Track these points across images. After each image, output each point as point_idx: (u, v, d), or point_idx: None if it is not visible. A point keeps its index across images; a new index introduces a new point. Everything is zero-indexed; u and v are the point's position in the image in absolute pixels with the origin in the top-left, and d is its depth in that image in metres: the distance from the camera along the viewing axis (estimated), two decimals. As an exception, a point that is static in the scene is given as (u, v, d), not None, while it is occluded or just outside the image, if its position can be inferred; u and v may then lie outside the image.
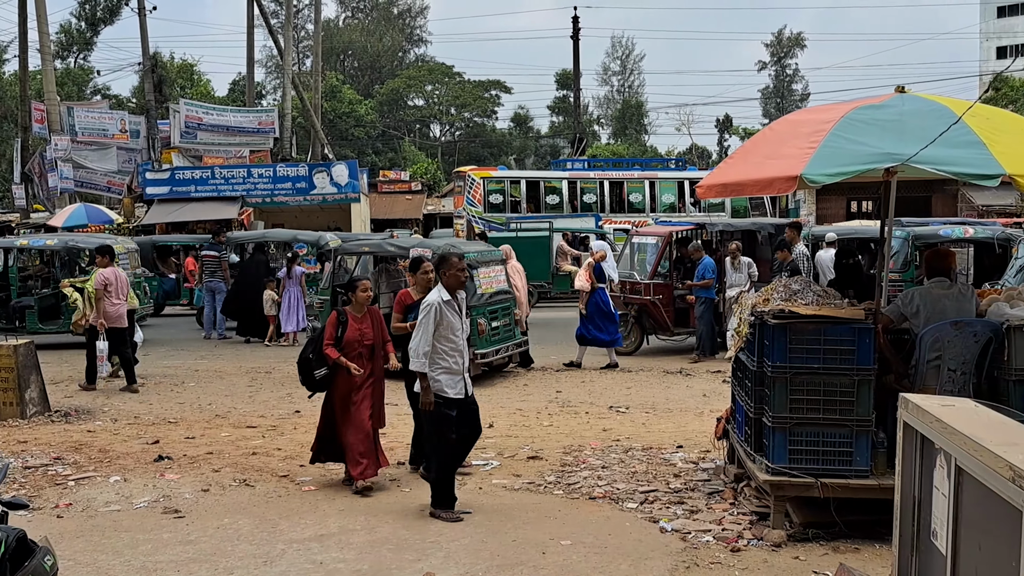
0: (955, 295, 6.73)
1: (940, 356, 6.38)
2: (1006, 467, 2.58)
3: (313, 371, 7.59)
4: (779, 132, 7.49)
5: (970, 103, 6.18)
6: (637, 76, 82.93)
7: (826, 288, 7.01)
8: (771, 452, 6.22)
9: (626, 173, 29.19)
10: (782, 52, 77.12)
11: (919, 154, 5.81)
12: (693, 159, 56.12)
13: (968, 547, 2.97)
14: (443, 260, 6.99)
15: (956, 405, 3.55)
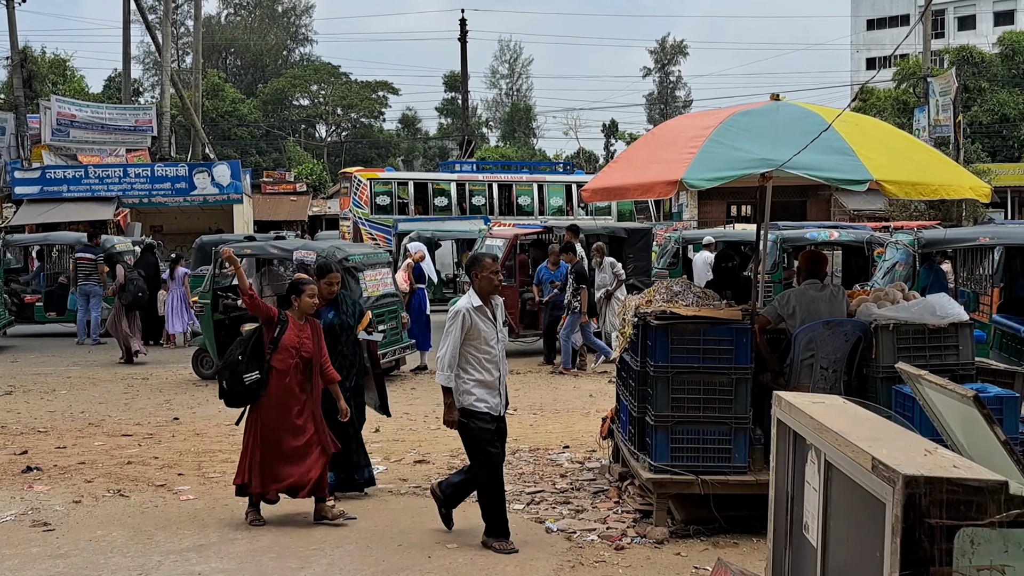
0: (827, 296, 7.00)
1: (813, 355, 6.62)
2: (870, 461, 2.67)
3: (242, 375, 6.51)
4: (661, 137, 7.66)
5: (839, 111, 6.43)
6: (525, 80, 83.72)
7: (705, 290, 7.19)
8: (654, 450, 6.34)
9: (515, 176, 29.38)
10: (666, 59, 78.92)
11: (792, 160, 6.02)
12: (581, 163, 56.90)
13: (837, 539, 3.07)
14: (475, 261, 6.31)
15: (826, 402, 3.67)
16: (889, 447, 2.81)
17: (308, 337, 6.67)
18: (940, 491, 2.46)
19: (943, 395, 3.42)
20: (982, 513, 2.46)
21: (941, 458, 2.74)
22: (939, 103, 29.59)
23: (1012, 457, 2.97)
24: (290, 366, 6.56)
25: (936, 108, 29.49)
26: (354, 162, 54.70)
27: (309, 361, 6.64)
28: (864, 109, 43.39)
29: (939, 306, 6.69)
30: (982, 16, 62.82)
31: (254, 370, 6.53)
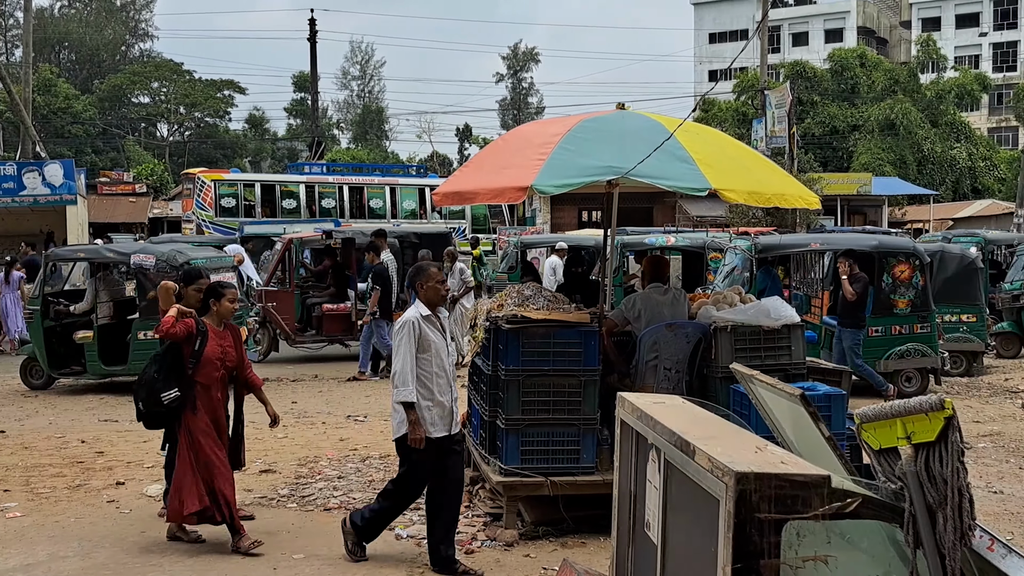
0: (670, 300, 7.22)
1: (657, 356, 6.83)
2: (706, 459, 2.77)
3: (160, 394, 5.99)
4: (511, 143, 7.73)
5: (680, 121, 6.65)
6: (378, 82, 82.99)
7: (556, 294, 7.31)
8: (504, 454, 6.39)
9: (366, 179, 29.09)
10: (518, 66, 79.87)
11: (636, 168, 6.18)
12: (434, 166, 56.88)
13: (675, 536, 3.17)
14: (419, 271, 6.00)
15: (666, 402, 3.79)
16: (723, 445, 2.92)
17: (230, 345, 6.26)
18: (769, 486, 2.58)
19: (773, 394, 3.59)
20: (807, 506, 2.59)
21: (771, 455, 2.87)
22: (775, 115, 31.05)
23: (835, 452, 3.14)
24: (216, 379, 6.15)
25: (773, 120, 30.94)
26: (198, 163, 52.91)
27: (232, 371, 6.28)
28: (706, 120, 45.15)
29: (773, 309, 7.01)
30: (814, 33, 66.46)
31: (172, 388, 6.01)
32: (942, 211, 41.50)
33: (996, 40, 62.64)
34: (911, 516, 2.67)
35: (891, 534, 2.93)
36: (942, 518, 2.63)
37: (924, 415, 2.68)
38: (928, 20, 64.75)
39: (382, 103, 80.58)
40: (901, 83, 47.69)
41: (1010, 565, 2.65)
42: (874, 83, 48.11)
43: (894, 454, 2.80)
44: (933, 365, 12.05)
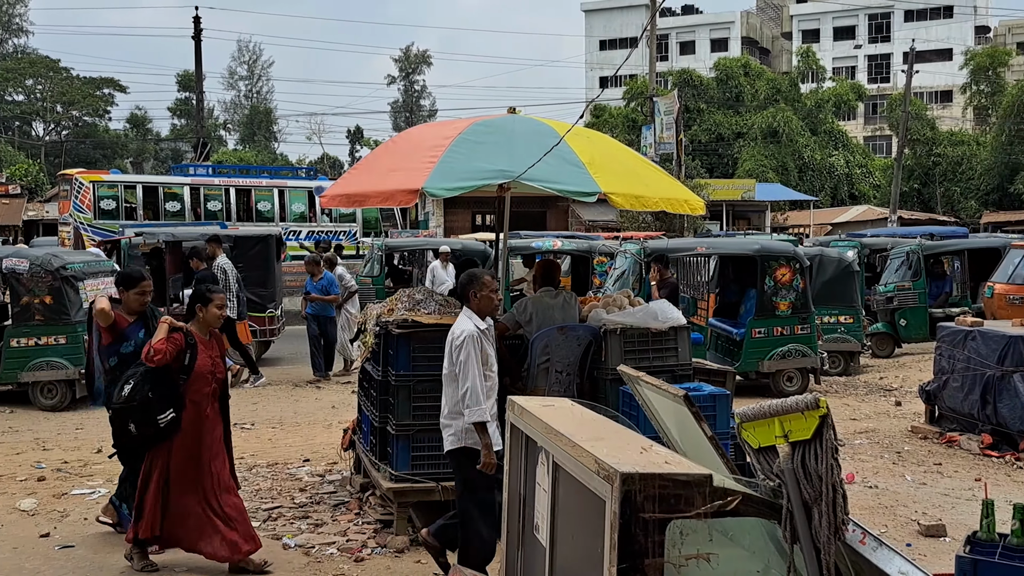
0: (561, 303, 7.28)
1: (549, 359, 6.87)
2: (592, 460, 2.80)
3: (156, 417, 5.49)
4: (402, 146, 7.67)
5: (570, 126, 6.72)
6: (266, 82, 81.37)
7: (448, 298, 7.28)
8: (395, 460, 6.33)
9: (254, 181, 28.46)
10: (410, 68, 79.51)
11: (527, 172, 6.21)
12: (325, 168, 56.11)
13: (563, 538, 3.19)
14: (473, 279, 5.61)
15: (555, 405, 3.81)
16: (609, 446, 2.96)
17: (218, 355, 5.79)
18: (653, 486, 2.62)
19: (659, 395, 3.65)
20: (690, 505, 2.65)
21: (655, 455, 2.92)
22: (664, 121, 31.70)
23: (718, 451, 3.22)
24: (207, 395, 5.67)
25: (661, 126, 31.59)
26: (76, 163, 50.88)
27: (223, 383, 5.84)
28: (597, 125, 45.87)
29: (660, 311, 7.15)
30: (700, 42, 68.24)
31: (168, 408, 5.49)
32: (821, 216, 43.12)
33: (871, 52, 65.48)
34: (788, 512, 2.76)
35: (771, 530, 3.01)
36: (817, 513, 2.71)
37: (800, 414, 2.76)
38: (808, 32, 67.24)
39: (270, 104, 79.08)
40: (783, 92, 49.37)
41: (880, 557, 2.76)
42: (757, 92, 49.67)
43: (773, 452, 2.88)
44: (813, 365, 12.48)
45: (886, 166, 49.06)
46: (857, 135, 57.50)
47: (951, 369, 9.55)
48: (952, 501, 7.43)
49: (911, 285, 16.37)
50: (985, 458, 8.77)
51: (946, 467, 8.53)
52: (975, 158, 45.77)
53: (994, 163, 44.03)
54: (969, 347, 9.28)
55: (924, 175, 47.17)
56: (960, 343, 9.48)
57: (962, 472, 8.35)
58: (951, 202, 46.24)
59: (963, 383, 9.28)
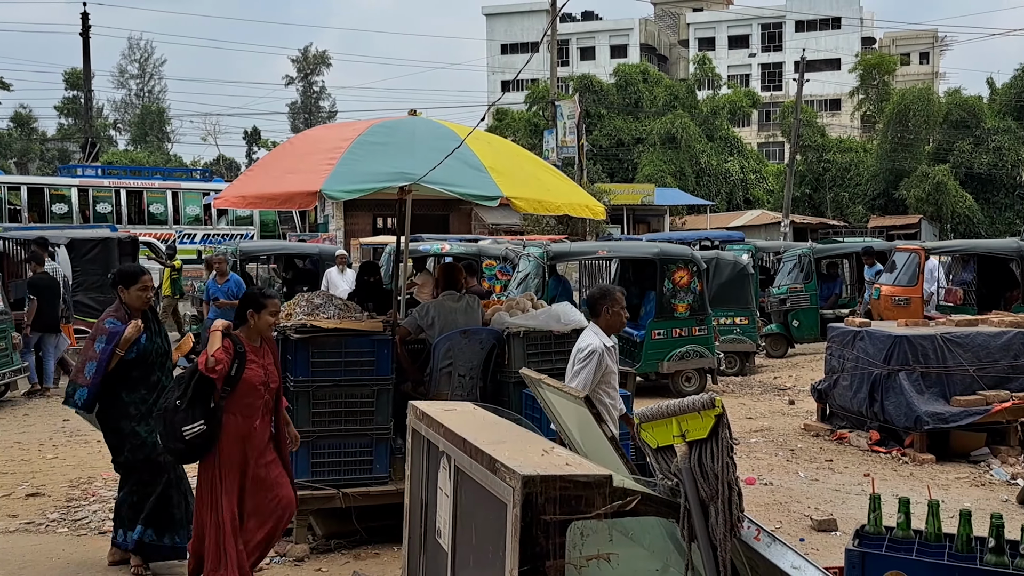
0: (464, 306, 7.27)
1: (452, 363, 6.85)
2: (494, 464, 2.79)
3: (180, 428, 4.92)
4: (299, 147, 7.53)
5: (471, 129, 6.70)
6: (158, 81, 79.09)
7: (347, 302, 7.19)
8: (294, 467, 6.20)
9: (146, 182, 27.65)
10: (309, 69, 78.39)
11: (428, 175, 6.17)
12: (221, 170, 54.85)
13: (466, 542, 3.17)
14: (606, 294, 5.53)
15: (457, 409, 3.79)
16: (511, 449, 2.95)
17: (271, 363, 5.30)
18: (554, 488, 2.62)
19: (560, 397, 3.67)
20: (590, 506, 2.66)
21: (556, 457, 2.92)
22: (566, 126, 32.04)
23: (618, 452, 3.25)
24: (257, 408, 5.14)
25: (563, 130, 31.91)
26: (-43, 163, 48.59)
27: (275, 394, 5.34)
28: (499, 128, 46.05)
29: (563, 314, 7.20)
30: (600, 48, 69.18)
31: (198, 419, 4.93)
32: (718, 221, 44.15)
33: (764, 61, 67.43)
34: (686, 511, 2.80)
35: (670, 529, 3.05)
36: (714, 511, 2.76)
37: (697, 413, 2.81)
38: (704, 40, 68.84)
39: (163, 103, 76.88)
40: (680, 99, 50.41)
41: (774, 553, 2.82)
42: (656, 98, 50.61)
43: (671, 452, 2.92)
44: (710, 365, 12.77)
45: (779, 171, 50.53)
46: (751, 141, 59.12)
47: (841, 368, 9.89)
48: (843, 496, 7.68)
49: (803, 287, 16.91)
50: (873, 454, 9.10)
51: (837, 463, 8.82)
52: (862, 164, 47.55)
53: (880, 169, 45.80)
54: (857, 347, 9.62)
55: (815, 180, 48.76)
56: (849, 343, 9.82)
57: (852, 468, 8.64)
58: (840, 207, 47.92)
59: (852, 382, 9.62)
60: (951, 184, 41.63)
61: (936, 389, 9.05)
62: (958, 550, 3.09)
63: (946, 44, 70.29)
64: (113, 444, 5.85)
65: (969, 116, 44.10)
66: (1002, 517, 3.07)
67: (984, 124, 43.71)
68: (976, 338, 9.22)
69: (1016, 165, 42.70)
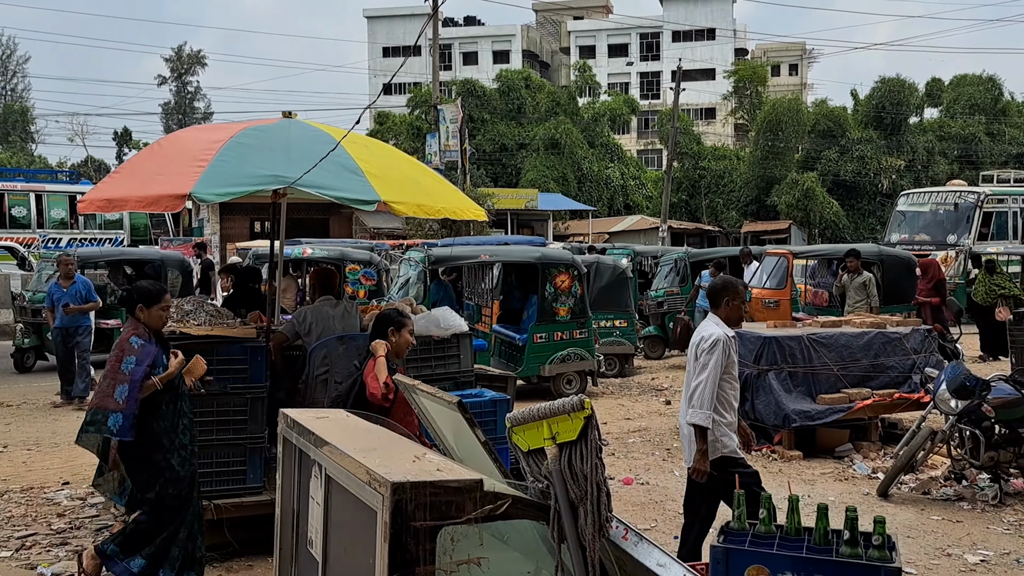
0: (342, 312, 7.17)
1: (328, 370, 6.74)
2: (364, 471, 2.76)
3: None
4: (168, 149, 7.29)
5: (346, 131, 6.62)
6: (21, 79, 75.45)
7: (219, 308, 7.00)
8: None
9: (8, 184, 26.33)
10: (183, 68, 76.12)
11: (303, 178, 6.06)
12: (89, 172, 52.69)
13: (337, 551, 3.13)
14: (729, 286, 5.46)
15: (329, 416, 3.74)
16: (382, 456, 2.92)
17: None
18: (424, 494, 2.61)
19: (434, 402, 3.65)
20: (461, 511, 2.66)
21: (428, 463, 2.91)
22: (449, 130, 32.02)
23: (491, 456, 3.25)
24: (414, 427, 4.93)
25: (446, 134, 31.89)
26: None
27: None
28: (381, 132, 45.73)
29: (443, 318, 7.19)
30: (483, 54, 69.49)
31: None
32: (599, 225, 44.91)
33: (643, 70, 68.95)
34: (556, 513, 2.82)
35: (542, 532, 3.07)
36: (583, 512, 2.79)
37: (567, 416, 2.84)
38: (585, 48, 69.93)
39: (27, 102, 73.38)
40: (562, 105, 51.06)
41: (641, 552, 2.88)
42: (538, 104, 51.13)
43: (541, 454, 2.94)
44: (591, 368, 12.95)
45: (657, 178, 51.75)
46: (631, 148, 60.35)
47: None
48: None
49: (679, 290, 17.33)
50: (745, 451, 9.38)
51: (710, 461, 9.06)
52: (736, 172, 49.12)
53: (752, 176, 47.40)
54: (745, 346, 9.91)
55: (691, 187, 50.11)
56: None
57: (724, 465, 8.89)
58: (715, 212, 49.38)
59: (725, 382, 9.90)
60: (819, 191, 43.41)
61: (803, 388, 9.41)
62: (816, 543, 3.21)
63: (814, 56, 73.40)
64: (143, 479, 5.26)
65: (835, 126, 46.12)
66: (856, 511, 3.21)
67: (849, 134, 45.77)
68: (839, 338, 9.63)
69: (878, 173, 44.82)
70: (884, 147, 45.44)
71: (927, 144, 46.11)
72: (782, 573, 3.07)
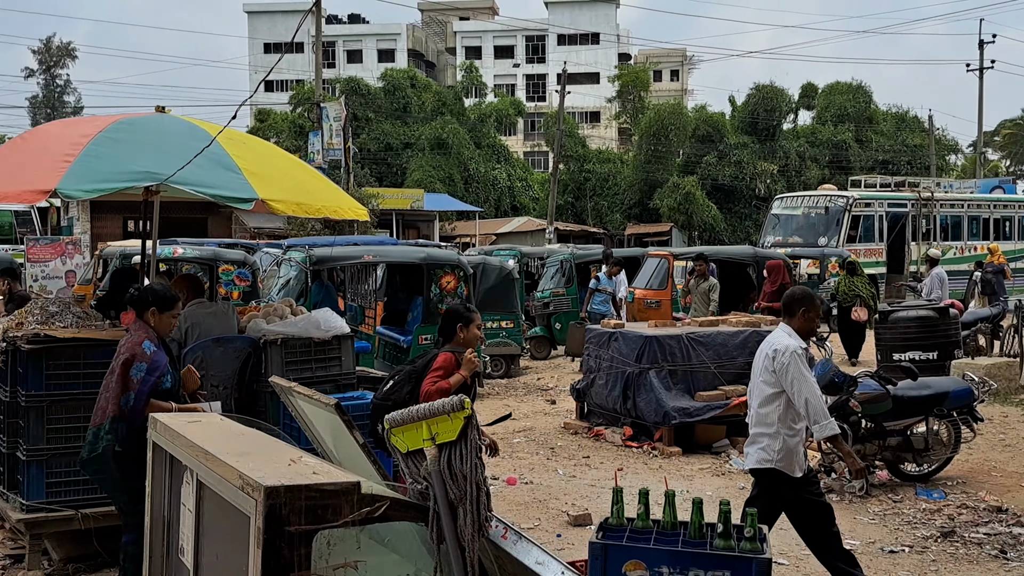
0: (217, 314, 6.99)
1: (204, 373, 6.54)
2: (236, 476, 2.68)
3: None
4: (33, 142, 6.97)
5: (222, 127, 6.45)
6: None
7: (88, 310, 6.72)
8: (26, 488, 5.74)
9: None
10: (51, 61, 72.86)
11: (178, 175, 5.87)
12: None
13: (209, 558, 3.04)
14: (808, 298, 5.28)
15: (202, 420, 3.62)
16: (256, 461, 2.85)
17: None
18: (300, 498, 2.55)
19: (312, 405, 3.58)
20: (338, 514, 2.61)
21: (304, 466, 2.85)
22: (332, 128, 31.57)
23: (370, 458, 3.21)
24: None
25: (329, 133, 31.42)
26: None
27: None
28: (263, 130, 44.77)
29: (323, 320, 7.07)
30: (368, 52, 68.79)
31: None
32: (486, 227, 45.04)
33: (529, 72, 69.46)
34: (435, 513, 2.80)
35: (423, 533, 3.05)
36: (463, 512, 2.78)
37: (447, 416, 2.82)
38: (471, 48, 70.02)
39: None
40: (448, 105, 51.00)
41: (520, 550, 2.88)
42: (424, 104, 50.93)
43: (421, 456, 2.92)
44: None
45: (544, 180, 52.20)
46: (517, 150, 60.72)
47: (598, 368, 10.32)
48: (598, 491, 8.00)
49: (565, 291, 17.53)
50: (627, 449, 9.55)
51: (593, 459, 9.19)
52: (620, 175, 49.99)
53: (636, 180, 48.32)
54: (613, 347, 10.08)
55: (577, 189, 50.74)
56: (605, 344, 10.28)
57: (607, 463, 9.03)
58: (600, 215, 50.16)
59: (607, 380, 10.07)
60: (698, 194, 44.56)
61: (682, 385, 9.64)
62: (691, 536, 3.28)
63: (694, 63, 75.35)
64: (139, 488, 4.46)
65: (714, 131, 47.41)
66: (729, 504, 3.29)
67: (727, 139, 47.14)
68: (717, 337, 9.90)
69: (754, 178, 46.28)
70: (760, 152, 46.97)
71: (800, 150, 47.86)
72: (658, 567, 3.12)
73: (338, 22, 69.47)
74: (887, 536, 6.82)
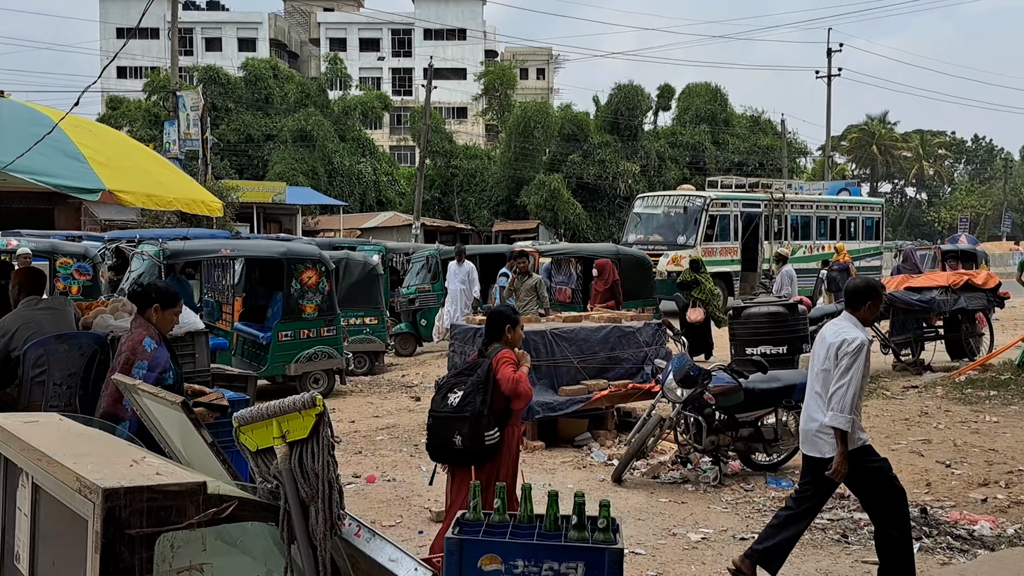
0: (50, 310, 6.61)
1: (46, 371, 6.22)
2: (74, 478, 2.56)
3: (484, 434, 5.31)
4: None
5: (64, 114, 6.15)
6: None
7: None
8: None
9: None
10: None
11: (15, 163, 5.57)
12: None
13: (44, 564, 2.89)
14: (873, 290, 5.48)
15: (40, 420, 3.45)
16: (96, 462, 2.73)
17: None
18: (141, 500, 2.46)
19: (158, 403, 3.45)
20: (182, 516, 2.52)
21: (147, 467, 2.74)
22: (189, 118, 30.59)
23: (219, 458, 3.11)
24: (519, 416, 5.63)
25: (186, 122, 30.43)
26: None
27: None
28: (115, 118, 42.96)
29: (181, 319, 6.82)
30: (228, 40, 66.87)
31: (495, 427, 5.34)
32: (351, 221, 44.52)
33: (395, 65, 69.01)
34: (286, 512, 2.74)
35: (275, 533, 2.98)
36: (314, 511, 2.73)
37: (298, 413, 2.76)
38: (336, 40, 69.01)
39: None
40: (312, 97, 50.12)
41: (374, 548, 2.85)
42: (287, 95, 49.89)
43: (271, 454, 2.85)
44: (339, 366, 12.78)
45: (410, 175, 51.96)
46: (383, 144, 60.25)
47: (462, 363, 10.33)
48: (460, 485, 8.02)
49: (430, 287, 17.49)
50: (489, 443, 9.60)
51: (456, 454, 9.19)
52: (487, 171, 50.25)
53: (503, 176, 48.67)
54: (477, 343, 10.09)
55: (444, 185, 50.73)
56: (470, 340, 10.29)
57: (469, 458, 9.05)
58: (467, 211, 50.30)
59: (471, 376, 10.08)
60: (564, 192, 45.26)
61: (547, 380, 9.75)
62: (547, 529, 3.32)
63: (560, 62, 76.49)
64: None
65: (578, 130, 48.23)
66: (584, 496, 3.35)
67: (591, 138, 48.02)
68: (580, 333, 10.07)
69: (616, 177, 47.33)
70: (622, 152, 48.04)
71: (660, 150, 49.21)
72: (513, 560, 3.14)
73: (196, 8, 67.25)
74: (739, 524, 7.09)
